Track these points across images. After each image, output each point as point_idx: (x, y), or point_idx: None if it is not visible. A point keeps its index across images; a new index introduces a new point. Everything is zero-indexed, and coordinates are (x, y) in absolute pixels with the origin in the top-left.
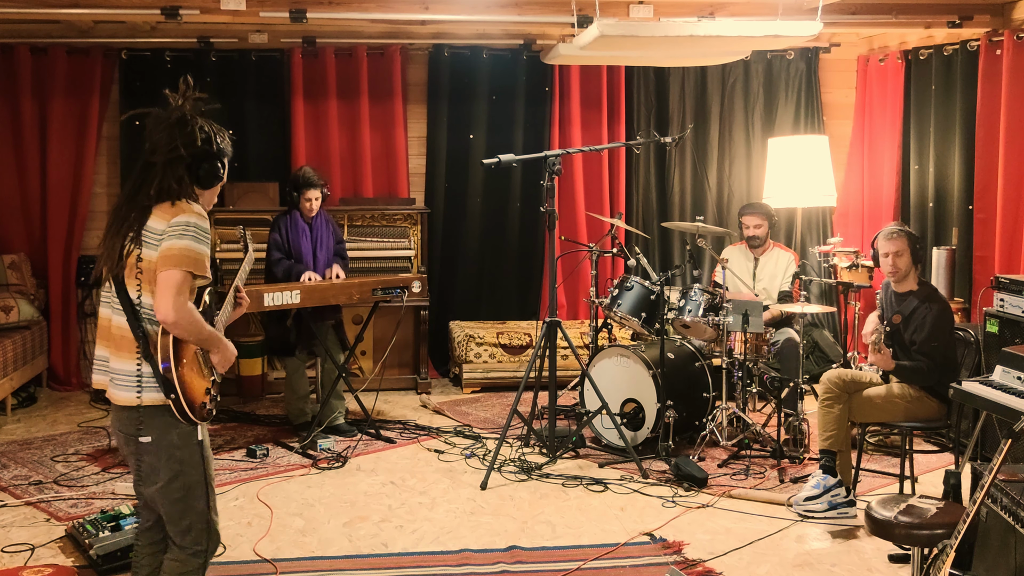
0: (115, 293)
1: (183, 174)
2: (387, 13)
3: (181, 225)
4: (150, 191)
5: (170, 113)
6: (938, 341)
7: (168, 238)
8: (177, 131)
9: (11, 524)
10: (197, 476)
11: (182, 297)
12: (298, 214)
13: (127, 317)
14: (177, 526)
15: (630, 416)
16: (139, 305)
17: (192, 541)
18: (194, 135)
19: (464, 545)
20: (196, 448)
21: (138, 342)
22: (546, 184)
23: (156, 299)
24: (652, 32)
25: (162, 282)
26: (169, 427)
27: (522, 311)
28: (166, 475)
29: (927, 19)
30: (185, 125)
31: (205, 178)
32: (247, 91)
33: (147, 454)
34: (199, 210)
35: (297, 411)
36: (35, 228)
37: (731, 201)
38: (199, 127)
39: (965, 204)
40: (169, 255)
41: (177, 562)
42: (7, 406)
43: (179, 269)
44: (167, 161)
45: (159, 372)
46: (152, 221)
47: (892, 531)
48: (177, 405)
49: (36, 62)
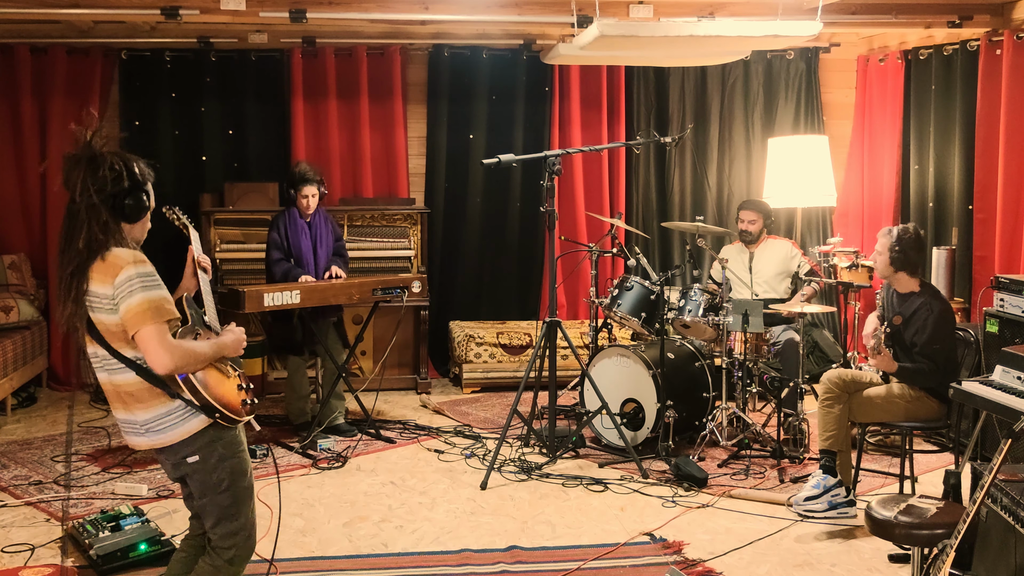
0: (109, 357)
1: (107, 219)
2: (387, 13)
3: (126, 282)
4: (79, 244)
5: (80, 154)
6: (939, 343)
7: (123, 300)
8: (88, 175)
9: (11, 524)
10: (245, 484)
11: (168, 343)
12: (296, 212)
13: (135, 372)
14: (225, 530)
15: (630, 416)
16: (137, 359)
17: (232, 545)
18: (105, 178)
19: (464, 545)
20: (243, 454)
21: (160, 387)
22: (546, 184)
23: (148, 358)
24: (652, 32)
25: (144, 343)
26: (214, 442)
27: (522, 311)
28: (221, 486)
29: (927, 19)
30: (96, 168)
31: (131, 214)
32: (247, 91)
33: (198, 472)
34: (131, 257)
35: (297, 411)
36: (35, 228)
37: (731, 201)
38: (109, 167)
39: (965, 204)
40: (136, 315)
41: (214, 568)
42: (7, 406)
43: (151, 323)
44: (88, 207)
45: (195, 404)
46: (94, 286)
47: (892, 531)
48: (224, 418)
49: (36, 62)
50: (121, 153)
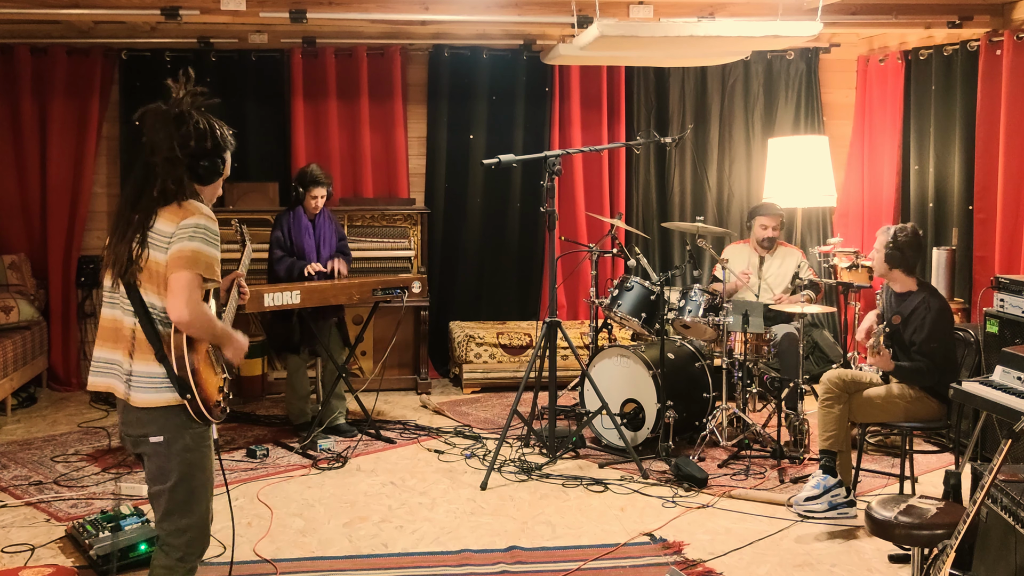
0: (126, 296)
1: (182, 175)
2: (387, 13)
3: (191, 227)
4: (153, 193)
5: (168, 110)
6: (938, 342)
7: (177, 240)
8: (173, 130)
9: (11, 524)
10: (206, 480)
11: (195, 297)
12: (301, 212)
13: (139, 320)
14: (175, 526)
15: (630, 416)
16: (152, 307)
17: (185, 544)
18: (189, 134)
19: (464, 545)
20: (208, 450)
21: (152, 344)
22: (546, 184)
23: (169, 301)
24: (652, 32)
25: (173, 284)
26: (183, 429)
27: (522, 311)
28: (175, 476)
29: (927, 19)
30: (182, 123)
31: (205, 175)
32: (247, 91)
33: (158, 455)
34: (207, 211)
35: (297, 411)
36: (35, 228)
37: (731, 201)
38: (195, 124)
39: (965, 204)
40: (180, 257)
41: (166, 569)
42: (7, 406)
43: (189, 271)
44: (165, 161)
45: (174, 372)
46: (159, 223)
47: (892, 531)
48: (193, 404)
49: (36, 62)
50: (208, 115)
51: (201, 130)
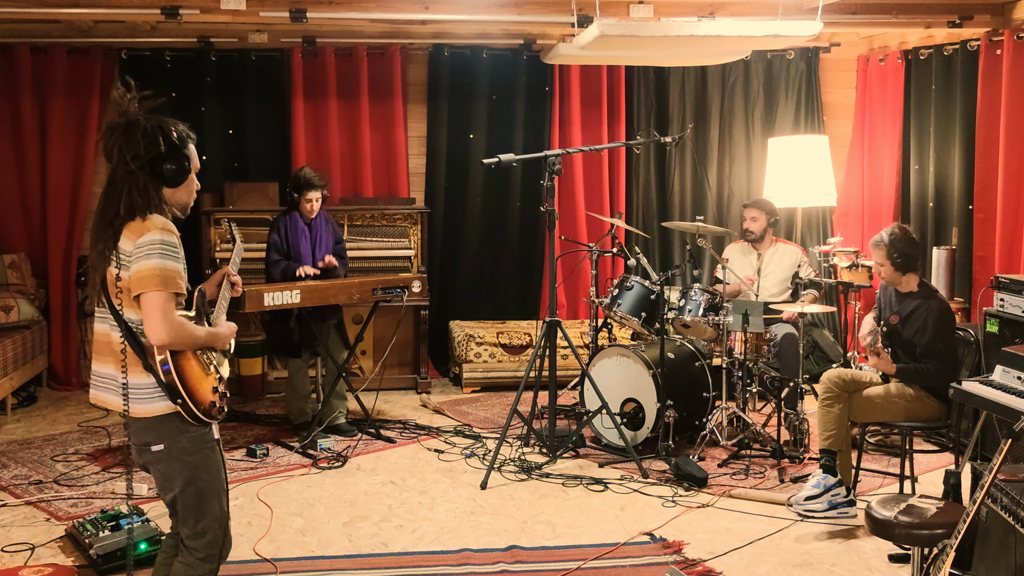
0: (109, 313)
1: (146, 183)
2: (387, 13)
3: (147, 245)
4: (119, 209)
5: (117, 123)
6: (942, 341)
7: (136, 259)
8: (123, 143)
9: (11, 523)
10: (212, 480)
11: (169, 317)
12: (298, 215)
13: (124, 334)
14: (192, 529)
15: (630, 416)
16: (130, 321)
17: (205, 545)
18: (138, 143)
19: (464, 545)
20: (211, 451)
21: (139, 356)
22: (546, 184)
23: (146, 325)
24: (652, 32)
25: (146, 307)
26: (179, 433)
27: (522, 311)
28: (180, 481)
29: (927, 19)
30: (132, 133)
31: (171, 178)
32: (247, 91)
33: (160, 462)
34: (163, 224)
35: (298, 411)
36: (35, 228)
37: (731, 201)
38: (143, 132)
39: (965, 204)
40: (141, 278)
41: (186, 566)
42: (7, 406)
43: (159, 291)
44: (127, 175)
45: (162, 380)
46: (122, 241)
47: (892, 531)
48: (185, 408)
49: (36, 62)
50: (157, 118)
51: (151, 135)
